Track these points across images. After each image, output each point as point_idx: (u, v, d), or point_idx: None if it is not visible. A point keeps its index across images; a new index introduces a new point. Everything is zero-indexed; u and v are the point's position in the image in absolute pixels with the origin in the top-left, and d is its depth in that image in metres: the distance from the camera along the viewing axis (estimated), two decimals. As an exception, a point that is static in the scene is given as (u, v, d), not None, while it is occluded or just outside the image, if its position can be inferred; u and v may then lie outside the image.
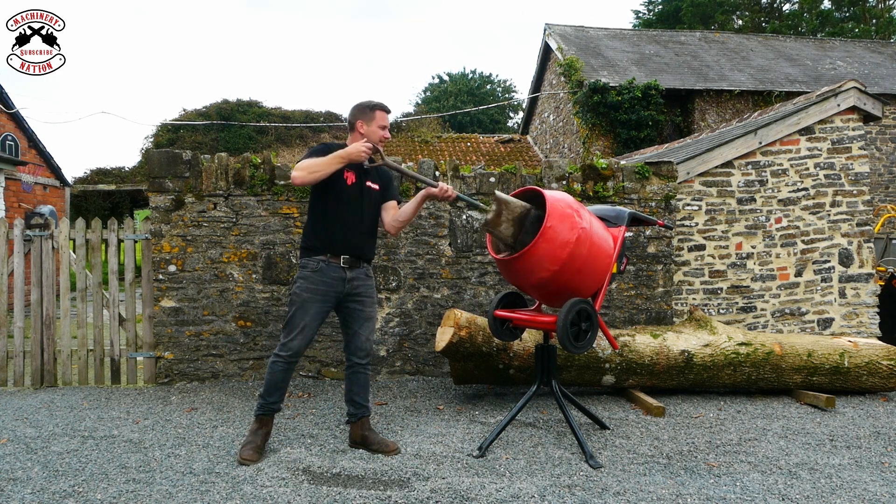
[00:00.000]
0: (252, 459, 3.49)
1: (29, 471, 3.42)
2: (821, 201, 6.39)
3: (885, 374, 5.08)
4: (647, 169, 5.95)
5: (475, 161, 16.15)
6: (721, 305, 6.20)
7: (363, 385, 3.76)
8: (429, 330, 5.66)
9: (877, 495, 3.17)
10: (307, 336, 3.58)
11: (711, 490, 3.19)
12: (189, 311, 5.45)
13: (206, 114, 19.34)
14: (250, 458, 3.49)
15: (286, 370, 3.60)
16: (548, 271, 3.60)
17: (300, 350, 3.60)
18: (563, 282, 3.67)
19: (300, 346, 3.58)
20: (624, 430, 4.15)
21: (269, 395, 3.63)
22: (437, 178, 5.71)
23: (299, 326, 3.55)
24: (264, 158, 5.63)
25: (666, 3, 29.48)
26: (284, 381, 3.64)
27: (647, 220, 4.33)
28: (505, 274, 3.92)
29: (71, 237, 5.56)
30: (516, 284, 3.94)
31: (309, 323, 3.56)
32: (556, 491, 3.15)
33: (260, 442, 3.61)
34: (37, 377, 5.46)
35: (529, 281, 3.73)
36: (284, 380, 3.63)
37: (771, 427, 4.28)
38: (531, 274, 3.67)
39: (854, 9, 27.36)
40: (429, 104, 33.05)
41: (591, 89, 13.11)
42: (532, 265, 3.62)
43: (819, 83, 13.65)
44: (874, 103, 6.48)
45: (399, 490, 3.15)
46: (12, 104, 12.80)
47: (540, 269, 3.61)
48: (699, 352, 4.92)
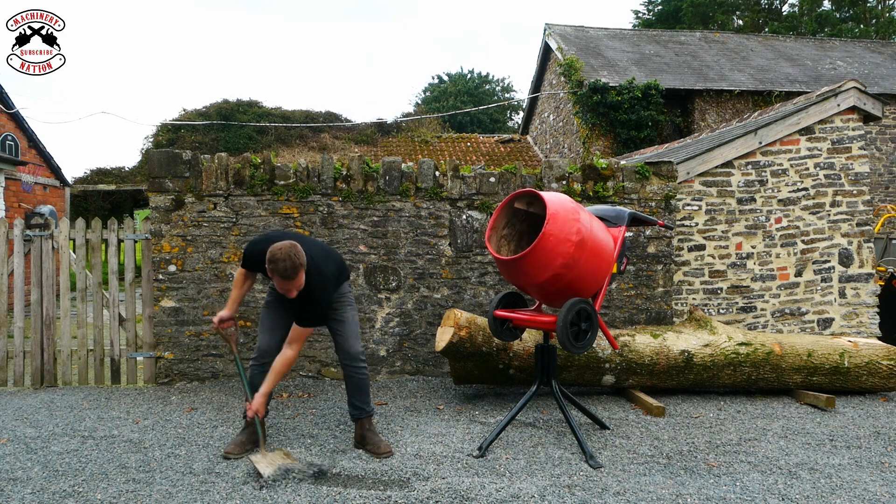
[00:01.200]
0: (233, 453, 3.66)
1: (29, 471, 3.42)
2: (821, 201, 6.39)
3: (885, 374, 5.08)
4: (647, 169, 5.95)
5: (475, 161, 16.15)
6: (721, 305, 6.20)
7: (357, 387, 3.82)
8: (429, 330, 5.66)
9: (877, 495, 3.17)
10: (275, 336, 3.77)
11: (711, 490, 3.19)
12: (189, 311, 5.45)
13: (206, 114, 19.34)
14: (231, 452, 3.67)
15: (260, 373, 3.76)
16: (549, 272, 3.61)
17: (266, 349, 3.78)
18: (563, 282, 3.68)
19: (266, 347, 3.78)
20: (624, 430, 4.15)
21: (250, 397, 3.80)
22: (437, 177, 5.72)
23: (265, 327, 3.81)
24: (264, 158, 5.63)
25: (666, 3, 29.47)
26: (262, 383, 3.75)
27: (648, 220, 4.33)
28: (505, 274, 3.92)
29: (71, 237, 5.56)
30: (517, 285, 3.94)
31: (273, 324, 3.78)
32: (556, 491, 3.15)
33: (243, 439, 3.76)
34: (37, 377, 5.46)
35: (530, 281, 3.74)
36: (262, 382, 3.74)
37: (771, 427, 4.28)
38: (532, 275, 3.67)
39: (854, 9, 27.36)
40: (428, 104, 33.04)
41: (591, 89, 13.11)
42: (533, 266, 3.62)
43: (819, 83, 13.64)
44: (874, 103, 6.48)
45: (399, 490, 3.15)
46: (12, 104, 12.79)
47: (541, 271, 3.62)
48: (699, 352, 4.92)
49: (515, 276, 3.81)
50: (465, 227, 5.71)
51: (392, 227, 5.64)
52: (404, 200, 5.67)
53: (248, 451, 3.69)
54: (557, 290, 3.72)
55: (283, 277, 3.32)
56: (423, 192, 5.68)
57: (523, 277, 3.75)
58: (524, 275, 3.72)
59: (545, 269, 3.60)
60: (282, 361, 3.56)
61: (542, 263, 3.59)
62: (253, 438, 3.76)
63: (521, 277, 3.77)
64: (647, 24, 29.56)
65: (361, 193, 5.63)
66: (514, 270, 3.75)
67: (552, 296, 3.83)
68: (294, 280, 3.34)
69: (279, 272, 3.30)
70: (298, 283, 3.38)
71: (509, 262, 3.71)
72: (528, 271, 3.67)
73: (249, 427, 3.78)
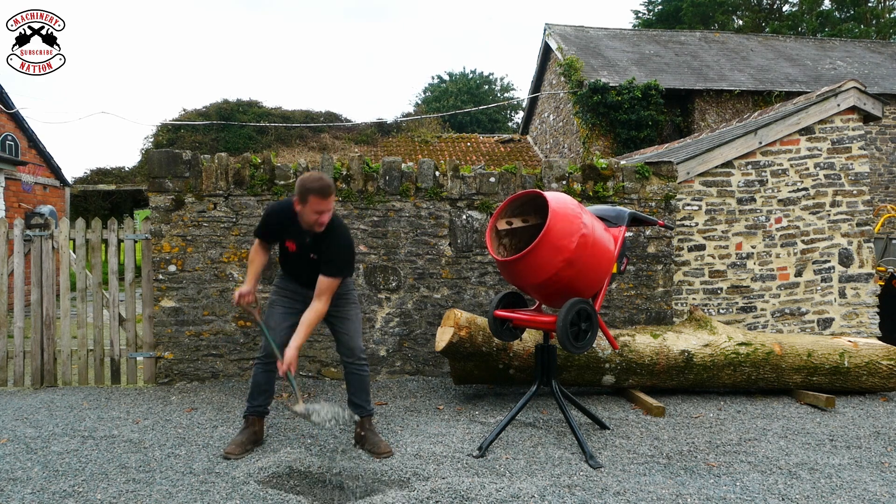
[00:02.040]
0: (233, 453, 3.64)
1: (29, 471, 3.42)
2: (821, 201, 6.39)
3: (885, 374, 5.08)
4: (647, 169, 5.95)
5: (475, 161, 16.15)
6: (721, 305, 6.20)
7: (357, 385, 3.82)
8: (429, 330, 5.66)
9: (877, 495, 3.17)
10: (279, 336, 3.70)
11: (711, 490, 3.19)
12: (189, 311, 5.45)
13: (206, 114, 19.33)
14: (232, 452, 3.65)
15: (264, 372, 3.77)
16: (549, 273, 3.61)
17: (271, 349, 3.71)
18: (563, 283, 3.68)
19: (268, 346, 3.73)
20: (624, 430, 4.15)
21: (253, 398, 3.82)
22: (437, 177, 5.72)
23: (269, 326, 3.74)
24: (264, 158, 5.63)
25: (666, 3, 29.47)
26: (266, 382, 3.79)
27: (648, 220, 4.32)
28: (505, 275, 3.92)
29: (71, 237, 5.56)
30: (517, 285, 3.94)
31: (278, 324, 3.74)
32: (556, 491, 3.15)
33: (243, 439, 3.75)
34: (37, 377, 5.46)
35: (530, 282, 3.74)
36: (266, 381, 3.79)
37: (771, 427, 4.28)
38: (532, 275, 3.67)
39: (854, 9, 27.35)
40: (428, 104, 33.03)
41: (591, 89, 13.11)
42: (533, 267, 3.62)
43: (819, 83, 13.64)
44: (874, 103, 6.48)
45: (399, 490, 3.15)
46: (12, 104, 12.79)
47: (541, 271, 3.62)
48: (699, 352, 4.92)
49: (515, 277, 3.81)
50: (465, 227, 5.71)
51: (392, 227, 5.64)
52: (404, 200, 5.67)
53: (248, 451, 3.70)
54: (557, 290, 3.72)
55: (321, 195, 3.37)
56: (423, 192, 5.68)
57: (523, 278, 3.75)
58: (524, 275, 3.72)
59: (545, 270, 3.60)
60: (312, 312, 3.52)
61: (543, 263, 3.59)
62: (253, 439, 3.76)
63: (521, 278, 3.76)
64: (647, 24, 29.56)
65: (361, 193, 5.63)
66: (514, 270, 3.75)
67: (552, 296, 3.83)
68: (330, 198, 3.41)
69: (316, 190, 3.36)
70: (332, 204, 3.44)
71: (509, 262, 3.71)
72: (528, 271, 3.67)
73: (250, 427, 3.78)
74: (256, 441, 3.80)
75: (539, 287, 3.75)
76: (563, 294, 3.74)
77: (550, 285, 3.69)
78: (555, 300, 3.86)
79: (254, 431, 3.79)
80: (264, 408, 3.84)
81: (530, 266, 3.62)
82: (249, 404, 3.81)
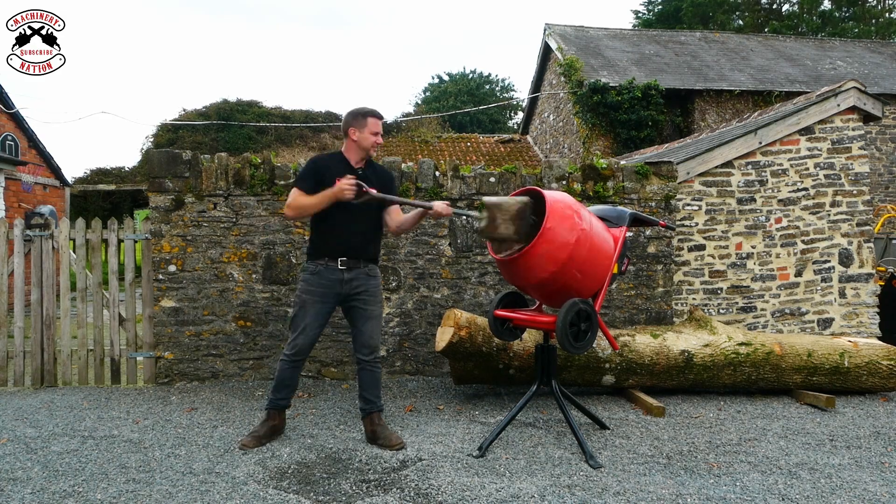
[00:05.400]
0: (249, 445, 3.72)
1: (29, 471, 3.42)
2: (821, 201, 6.39)
3: (885, 374, 5.08)
4: (647, 169, 5.95)
5: (475, 161, 16.14)
6: (721, 305, 6.20)
7: (371, 382, 3.88)
8: (429, 330, 5.66)
9: (877, 495, 3.17)
10: (309, 336, 3.79)
11: (711, 490, 3.19)
12: (189, 311, 5.45)
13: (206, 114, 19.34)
14: (248, 444, 3.72)
15: (291, 369, 3.83)
16: (547, 271, 3.60)
17: (303, 349, 3.81)
18: (563, 282, 3.67)
19: (303, 345, 3.79)
20: (624, 430, 4.15)
21: (276, 392, 3.87)
22: (437, 177, 5.72)
23: (300, 327, 3.78)
24: (264, 158, 5.63)
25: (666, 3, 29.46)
26: (291, 378, 3.86)
27: (649, 220, 4.32)
28: (505, 274, 3.92)
29: (71, 237, 5.56)
30: (516, 284, 3.94)
31: (310, 323, 3.78)
32: (556, 491, 3.15)
33: (262, 432, 3.82)
34: (37, 377, 5.46)
35: (529, 281, 3.73)
36: (291, 377, 3.85)
37: (771, 427, 4.28)
38: (531, 274, 3.67)
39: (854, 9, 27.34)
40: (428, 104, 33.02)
41: (591, 89, 13.11)
42: (532, 265, 3.62)
43: (819, 83, 13.63)
44: (874, 103, 6.48)
45: (399, 490, 3.15)
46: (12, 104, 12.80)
47: (540, 270, 3.62)
48: (699, 352, 4.92)
49: (515, 276, 3.81)
50: (465, 227, 5.71)
51: (392, 227, 5.63)
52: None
53: (263, 444, 3.76)
54: (557, 289, 3.72)
55: (377, 116, 3.76)
56: (423, 192, 5.68)
57: (523, 276, 3.75)
58: (523, 274, 3.71)
59: (544, 268, 3.60)
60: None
61: (542, 262, 3.59)
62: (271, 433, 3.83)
63: (521, 277, 3.76)
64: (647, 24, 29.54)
65: (361, 193, 5.63)
66: (514, 269, 3.75)
67: (552, 295, 3.83)
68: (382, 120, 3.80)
69: (371, 111, 3.77)
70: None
71: (508, 261, 3.71)
72: (528, 270, 3.66)
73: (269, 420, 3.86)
74: (274, 434, 3.88)
75: (538, 286, 3.75)
76: (562, 293, 3.74)
77: (550, 284, 3.68)
78: (554, 300, 3.86)
79: (272, 425, 3.87)
80: (287, 401, 3.92)
81: (529, 264, 3.62)
82: (272, 396, 3.88)
